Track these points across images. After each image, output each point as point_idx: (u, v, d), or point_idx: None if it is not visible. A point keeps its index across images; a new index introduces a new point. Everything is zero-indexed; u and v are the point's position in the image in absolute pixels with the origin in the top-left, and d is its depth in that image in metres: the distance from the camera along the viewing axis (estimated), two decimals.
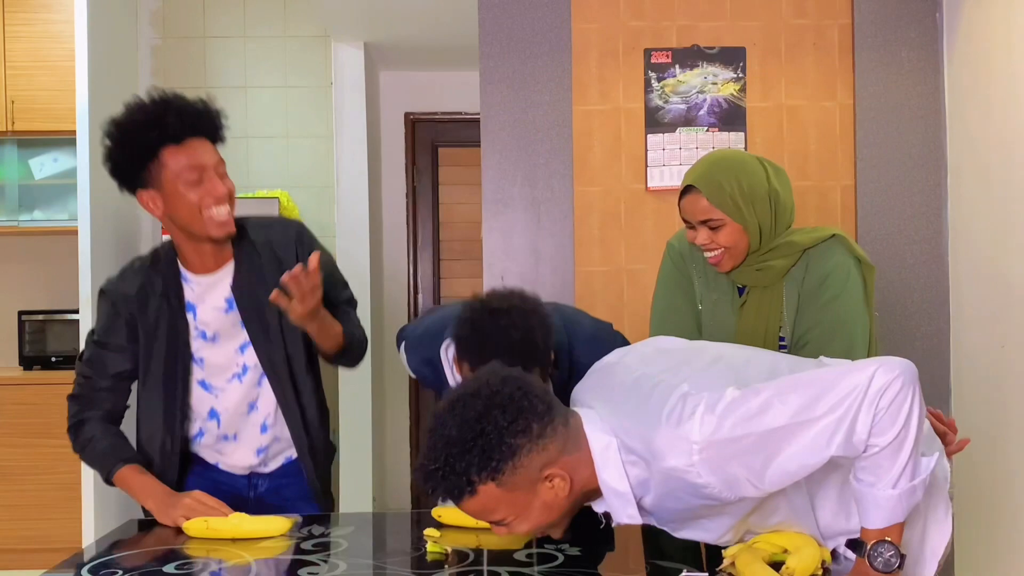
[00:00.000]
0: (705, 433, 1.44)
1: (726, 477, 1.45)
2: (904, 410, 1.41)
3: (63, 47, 4.32)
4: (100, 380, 2.18)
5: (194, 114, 2.03)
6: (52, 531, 4.27)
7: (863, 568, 1.47)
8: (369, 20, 4.49)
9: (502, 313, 1.85)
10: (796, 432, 1.42)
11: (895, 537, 1.46)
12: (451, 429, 1.47)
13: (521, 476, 1.48)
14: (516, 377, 1.53)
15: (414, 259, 5.63)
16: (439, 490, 1.50)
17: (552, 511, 1.53)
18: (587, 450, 1.54)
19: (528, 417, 1.48)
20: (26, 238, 4.81)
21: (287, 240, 2.20)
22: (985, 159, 3.16)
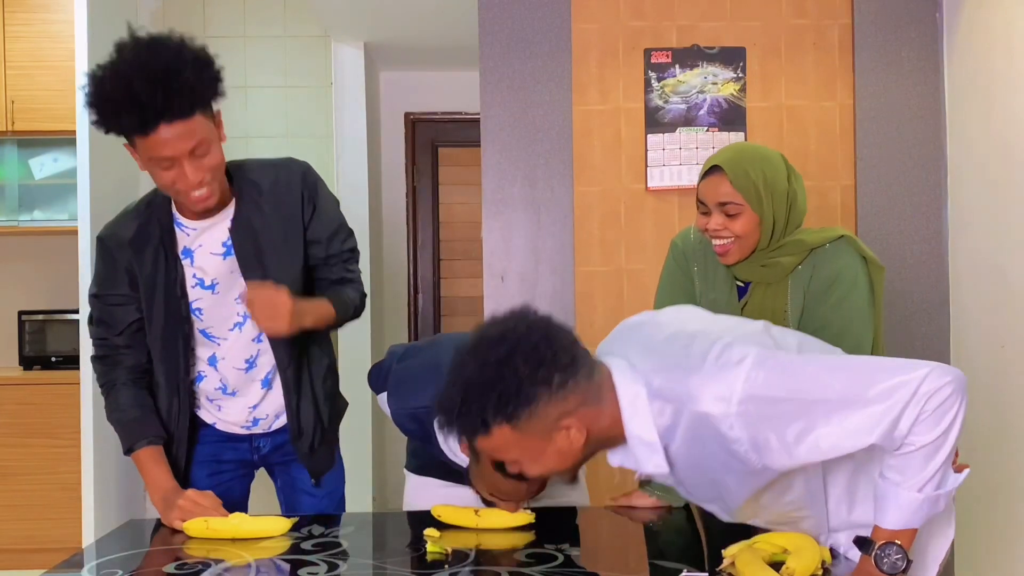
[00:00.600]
0: (750, 386, 1.43)
1: (757, 438, 1.44)
2: (948, 418, 1.40)
3: (63, 47, 4.32)
4: (114, 337, 2.12)
5: (164, 95, 1.85)
6: (52, 531, 4.28)
7: (868, 566, 1.47)
8: (369, 20, 4.49)
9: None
10: (841, 411, 1.41)
11: (905, 542, 1.46)
12: (472, 370, 1.48)
13: (537, 423, 1.48)
14: (544, 326, 1.52)
15: (414, 259, 5.63)
16: (454, 428, 1.51)
17: (565, 459, 1.54)
18: (610, 402, 1.52)
19: (550, 368, 1.47)
20: (26, 238, 4.81)
21: (291, 181, 2.15)
22: (985, 159, 3.16)
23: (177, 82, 1.86)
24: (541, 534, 1.85)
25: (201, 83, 1.92)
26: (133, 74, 1.85)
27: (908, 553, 1.46)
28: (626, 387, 1.53)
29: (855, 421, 1.41)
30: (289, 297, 1.98)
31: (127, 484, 4.46)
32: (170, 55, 1.89)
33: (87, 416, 4.10)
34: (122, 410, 2.12)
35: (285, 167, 2.19)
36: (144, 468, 2.09)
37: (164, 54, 1.88)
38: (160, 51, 1.89)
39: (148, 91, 1.83)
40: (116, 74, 1.87)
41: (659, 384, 1.51)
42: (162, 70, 1.85)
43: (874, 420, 1.40)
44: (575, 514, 2.09)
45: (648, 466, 1.55)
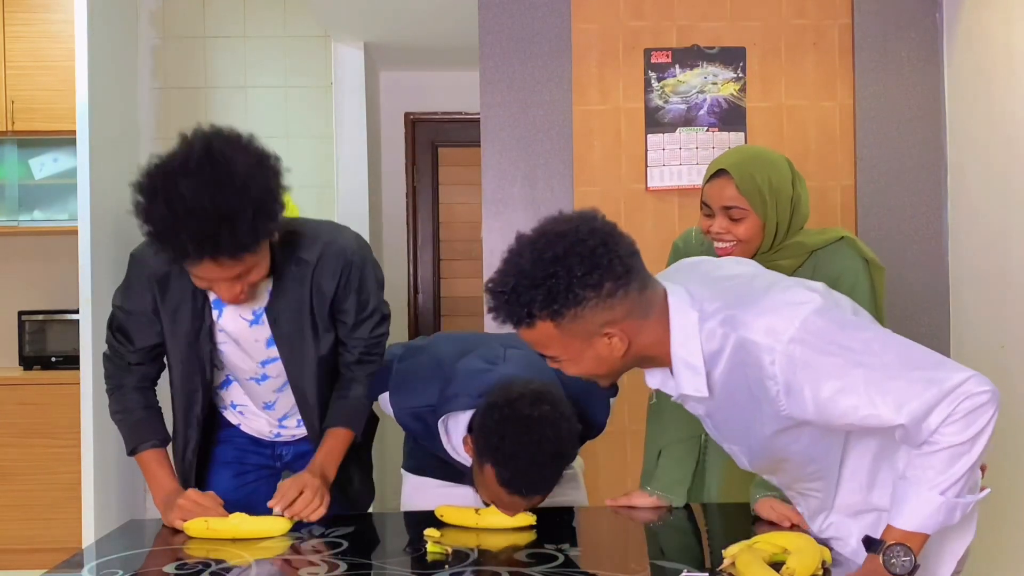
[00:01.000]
0: (804, 329, 1.44)
1: (792, 383, 1.45)
2: (977, 424, 1.40)
3: (63, 47, 4.31)
4: (129, 353, 2.10)
5: (215, 243, 1.73)
6: (52, 531, 4.27)
7: (874, 565, 1.46)
8: (369, 20, 4.49)
9: (533, 425, 1.77)
10: (880, 383, 1.42)
11: (915, 546, 1.45)
12: (527, 261, 1.50)
13: (580, 325, 1.49)
14: (606, 233, 1.52)
15: (414, 259, 5.63)
16: (500, 314, 1.53)
17: (602, 365, 1.56)
18: (658, 321, 1.53)
19: (603, 274, 1.47)
20: (26, 238, 4.81)
21: (336, 261, 2.05)
22: (985, 159, 3.16)
23: (235, 229, 1.72)
24: (541, 534, 1.85)
25: (261, 228, 1.78)
26: (188, 214, 1.70)
27: (916, 558, 1.45)
28: (680, 309, 1.54)
29: (891, 397, 1.41)
30: (320, 483, 1.98)
31: (127, 484, 4.46)
32: (234, 195, 1.72)
33: (87, 416, 4.10)
34: (128, 411, 2.11)
35: (332, 244, 2.08)
36: (148, 470, 2.08)
37: (227, 192, 1.72)
38: (224, 187, 1.72)
39: (200, 236, 1.72)
40: (170, 206, 1.72)
41: (713, 309, 1.53)
42: (222, 216, 1.71)
43: (908, 402, 1.41)
44: (575, 514, 2.09)
45: (687, 388, 1.56)
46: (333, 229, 2.15)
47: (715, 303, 1.53)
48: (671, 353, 1.54)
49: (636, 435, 3.35)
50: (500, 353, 2.06)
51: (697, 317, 1.53)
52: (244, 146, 1.80)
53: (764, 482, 1.94)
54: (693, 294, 1.56)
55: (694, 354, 1.53)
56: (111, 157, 4.46)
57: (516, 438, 1.76)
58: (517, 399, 1.79)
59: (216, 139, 1.78)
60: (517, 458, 1.76)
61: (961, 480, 1.43)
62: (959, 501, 1.44)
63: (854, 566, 1.57)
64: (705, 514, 2.07)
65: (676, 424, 2.12)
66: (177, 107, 4.92)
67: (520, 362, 2.00)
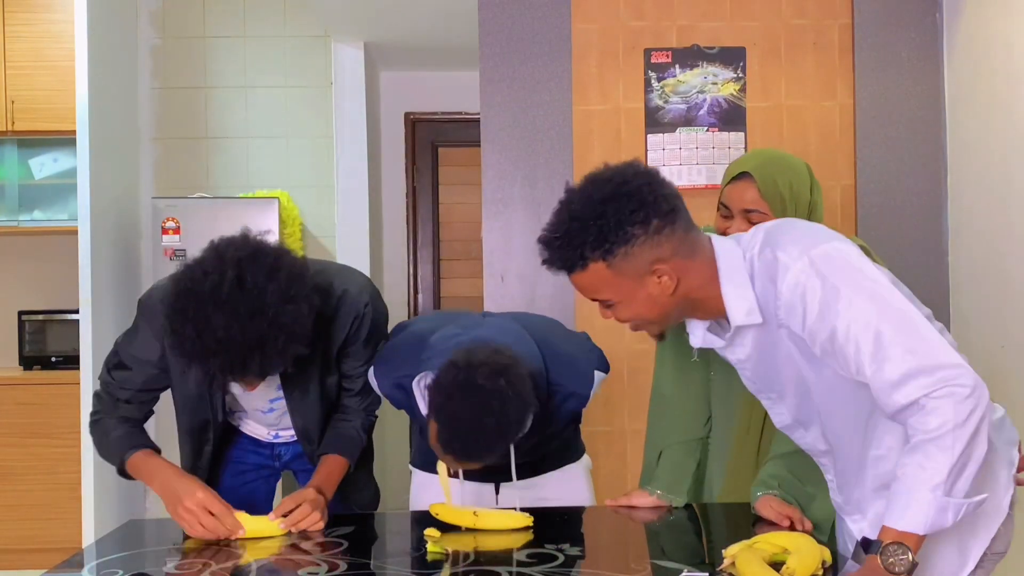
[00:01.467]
0: (830, 253, 1.51)
1: (794, 302, 1.51)
2: (959, 416, 1.41)
3: (63, 47, 4.32)
4: (120, 391, 2.07)
5: (239, 367, 1.74)
6: (52, 531, 4.27)
7: (873, 565, 1.46)
8: (369, 20, 4.49)
9: (482, 394, 1.75)
10: (869, 328, 1.46)
11: (911, 544, 1.44)
12: (577, 205, 1.58)
13: (631, 264, 1.55)
14: (650, 175, 1.60)
15: (414, 259, 5.63)
16: (554, 259, 1.60)
17: (654, 307, 1.60)
18: (704, 263, 1.60)
19: (650, 211, 1.54)
20: (26, 238, 4.81)
21: (345, 322, 2.05)
22: (985, 159, 3.16)
23: (265, 357, 1.73)
24: (541, 534, 1.85)
25: (290, 352, 1.78)
26: (219, 345, 1.70)
27: (914, 556, 1.45)
28: (725, 246, 1.62)
29: (873, 348, 1.46)
30: (319, 497, 1.99)
31: (127, 484, 4.45)
32: (265, 326, 1.72)
33: (87, 416, 4.10)
34: (109, 431, 2.06)
35: (345, 296, 2.06)
36: (140, 469, 2.02)
37: (258, 324, 1.71)
38: (256, 319, 1.71)
39: (231, 364, 1.73)
40: (200, 335, 1.71)
41: (756, 243, 1.59)
42: (251, 347, 1.71)
43: (886, 360, 1.45)
44: (575, 514, 2.09)
45: (739, 317, 1.59)
46: (343, 277, 2.11)
47: (756, 239, 1.60)
48: (720, 283, 1.59)
49: (636, 435, 3.36)
50: (479, 320, 2.09)
51: (742, 252, 1.60)
52: (276, 271, 1.76)
53: (765, 480, 1.94)
54: (738, 239, 1.64)
55: (742, 280, 1.58)
56: (111, 157, 4.46)
57: (462, 402, 1.75)
58: (477, 366, 1.77)
59: (250, 266, 1.74)
60: (457, 421, 1.75)
61: (953, 476, 1.42)
62: (950, 501, 1.43)
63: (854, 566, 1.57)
64: (705, 514, 2.07)
65: (677, 426, 2.12)
66: (177, 107, 4.92)
67: (498, 326, 2.01)
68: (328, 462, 2.10)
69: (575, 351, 2.09)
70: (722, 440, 2.12)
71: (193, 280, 1.73)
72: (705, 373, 2.13)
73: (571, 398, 2.02)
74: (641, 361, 3.26)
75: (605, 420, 3.35)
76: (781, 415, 1.73)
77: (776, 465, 1.97)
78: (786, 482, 1.93)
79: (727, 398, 2.10)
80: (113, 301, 4.44)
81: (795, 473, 1.96)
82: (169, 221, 4.38)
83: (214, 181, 4.89)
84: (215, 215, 4.46)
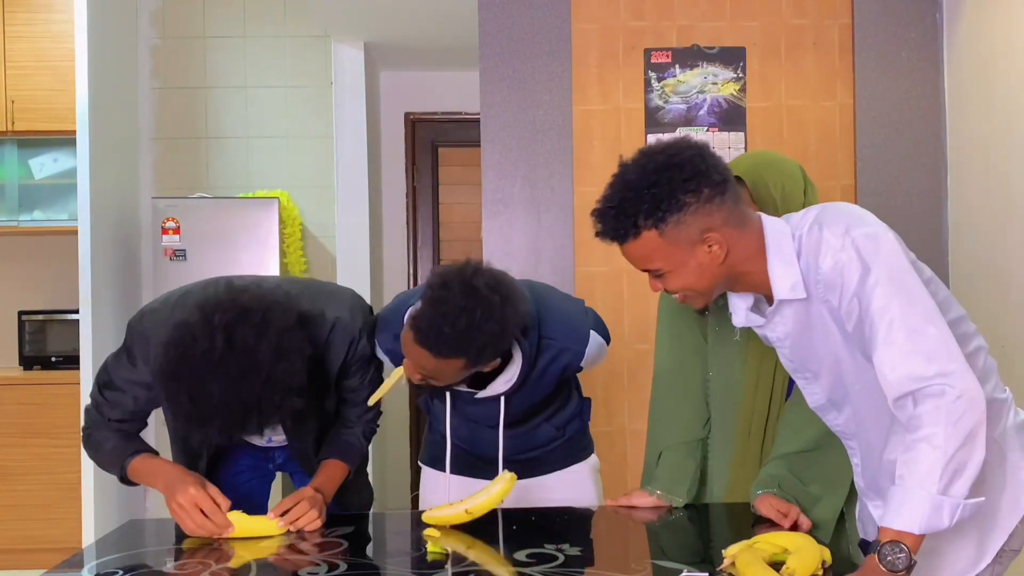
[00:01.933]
0: (874, 236, 1.55)
1: (834, 275, 1.55)
2: (951, 417, 1.44)
3: (63, 47, 4.32)
4: (110, 411, 2.04)
5: (238, 427, 1.77)
6: (52, 531, 4.27)
7: (872, 565, 1.46)
8: (369, 20, 4.49)
9: (475, 296, 1.79)
10: (890, 313, 1.51)
11: (909, 544, 1.45)
12: (631, 174, 1.62)
13: (683, 232, 1.59)
14: (702, 148, 1.64)
15: (414, 259, 5.63)
16: (607, 230, 1.64)
17: (703, 276, 1.63)
18: (752, 236, 1.63)
19: (701, 181, 1.59)
20: (26, 238, 4.81)
21: (341, 348, 2.05)
22: (985, 159, 3.16)
23: (262, 415, 1.74)
24: (541, 534, 1.85)
25: (287, 407, 1.78)
26: (215, 410, 1.71)
27: (912, 555, 1.45)
28: (773, 221, 1.66)
29: (886, 333, 1.50)
30: (317, 497, 1.99)
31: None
32: (260, 386, 1.71)
33: None
34: (100, 445, 2.05)
35: (339, 323, 2.05)
36: (141, 472, 2.01)
37: (253, 385, 1.71)
38: (250, 380, 1.71)
39: (228, 425, 1.74)
40: (196, 402, 1.71)
41: (805, 222, 1.62)
42: (248, 408, 1.72)
43: (891, 344, 1.50)
44: (575, 514, 2.09)
45: (784, 290, 1.62)
46: (335, 302, 2.08)
47: (808, 218, 1.63)
48: (767, 257, 1.62)
49: (636, 435, 3.36)
50: None
51: (790, 231, 1.64)
52: (265, 328, 1.74)
53: (765, 480, 1.94)
54: (787, 218, 1.68)
55: (788, 255, 1.62)
56: (111, 157, 4.46)
57: (447, 292, 1.79)
58: (482, 273, 1.84)
59: (238, 326, 1.72)
60: (438, 305, 1.78)
61: (943, 476, 1.43)
62: (944, 500, 1.43)
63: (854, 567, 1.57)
64: (705, 514, 2.07)
65: (678, 426, 2.12)
66: (177, 107, 4.92)
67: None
68: (329, 466, 2.10)
69: (571, 309, 2.11)
70: (723, 441, 2.12)
71: (184, 346, 1.71)
72: (705, 373, 2.13)
73: (564, 353, 2.02)
74: (641, 361, 3.26)
75: (605, 420, 3.35)
76: (815, 395, 1.76)
77: (777, 465, 1.97)
78: (786, 482, 1.93)
79: (727, 399, 2.10)
80: (113, 301, 4.44)
81: (797, 474, 1.95)
82: (169, 221, 4.38)
83: (214, 181, 4.89)
84: (215, 215, 4.46)
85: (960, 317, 1.66)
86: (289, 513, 1.93)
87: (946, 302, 1.63)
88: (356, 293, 2.17)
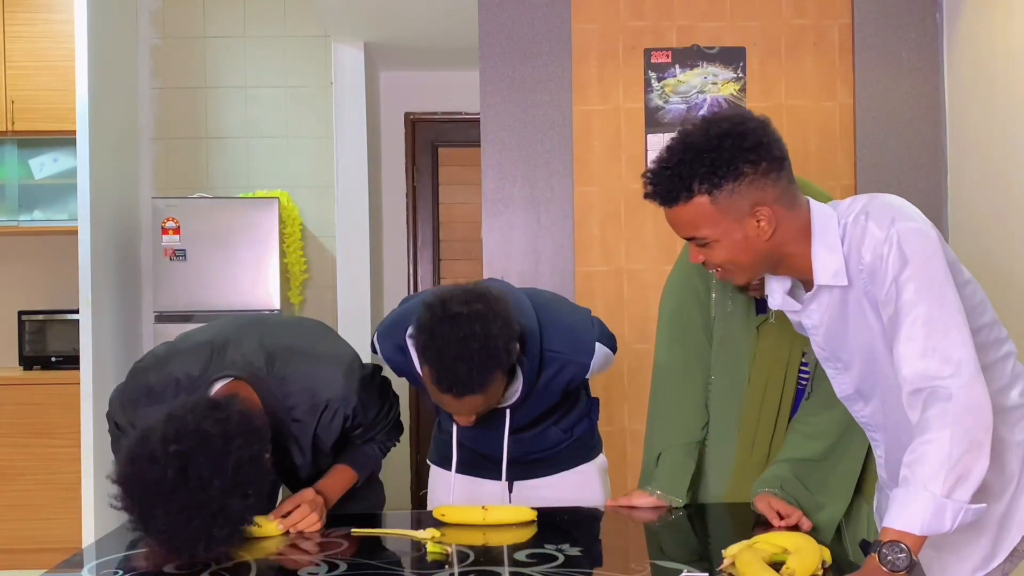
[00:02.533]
0: (918, 232, 1.55)
1: (876, 264, 1.56)
2: (958, 421, 1.44)
3: (63, 47, 4.32)
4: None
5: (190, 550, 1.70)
6: (52, 531, 4.27)
7: (873, 565, 1.46)
8: (369, 20, 4.49)
9: (461, 320, 1.76)
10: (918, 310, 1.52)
11: (911, 545, 1.45)
12: (695, 137, 1.60)
13: (735, 202, 1.58)
14: (765, 123, 1.64)
15: (414, 259, 5.63)
16: (659, 191, 1.62)
17: (748, 250, 1.62)
18: (801, 217, 1.63)
19: (762, 154, 1.58)
20: (26, 238, 4.81)
21: (336, 423, 2.03)
22: (985, 159, 3.16)
23: (211, 542, 1.67)
24: (541, 534, 1.85)
25: (239, 535, 1.73)
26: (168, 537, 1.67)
27: (913, 556, 1.45)
28: (821, 207, 1.65)
29: (907, 328, 1.52)
30: (318, 499, 1.99)
31: None
32: (209, 518, 1.65)
33: (87, 416, 4.10)
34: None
35: (330, 408, 2.02)
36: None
37: (204, 516, 1.65)
38: (202, 512, 1.65)
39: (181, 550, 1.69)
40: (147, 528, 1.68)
41: (852, 211, 1.62)
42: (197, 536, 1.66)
43: (911, 342, 1.51)
44: (575, 514, 2.09)
45: (825, 276, 1.62)
46: (326, 376, 2.02)
47: (855, 207, 1.63)
48: (812, 241, 1.62)
49: (636, 435, 3.36)
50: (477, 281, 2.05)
51: (837, 218, 1.63)
52: (223, 460, 1.68)
53: (768, 480, 1.94)
54: (834, 205, 1.68)
55: (833, 242, 1.61)
56: (111, 157, 4.46)
57: (444, 334, 1.75)
58: (450, 298, 1.78)
59: (194, 457, 1.65)
60: (444, 353, 1.75)
61: (948, 479, 1.44)
62: (947, 502, 1.44)
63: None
64: (705, 514, 2.07)
65: (678, 427, 2.11)
66: (177, 107, 4.93)
67: (494, 284, 1.99)
68: (338, 471, 2.10)
69: (576, 320, 2.07)
70: (722, 448, 2.11)
71: (140, 464, 1.67)
72: (706, 375, 2.13)
73: (569, 366, 1.99)
74: (641, 361, 3.26)
75: (605, 420, 3.35)
76: (844, 385, 1.76)
77: (782, 467, 1.96)
78: (789, 484, 1.93)
79: (729, 404, 2.09)
80: (113, 301, 4.44)
81: (802, 479, 1.95)
82: (169, 221, 4.38)
83: (214, 181, 4.90)
84: (215, 215, 4.47)
85: (992, 322, 1.67)
86: (289, 516, 1.93)
87: (981, 306, 1.64)
88: (351, 354, 2.09)
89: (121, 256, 4.60)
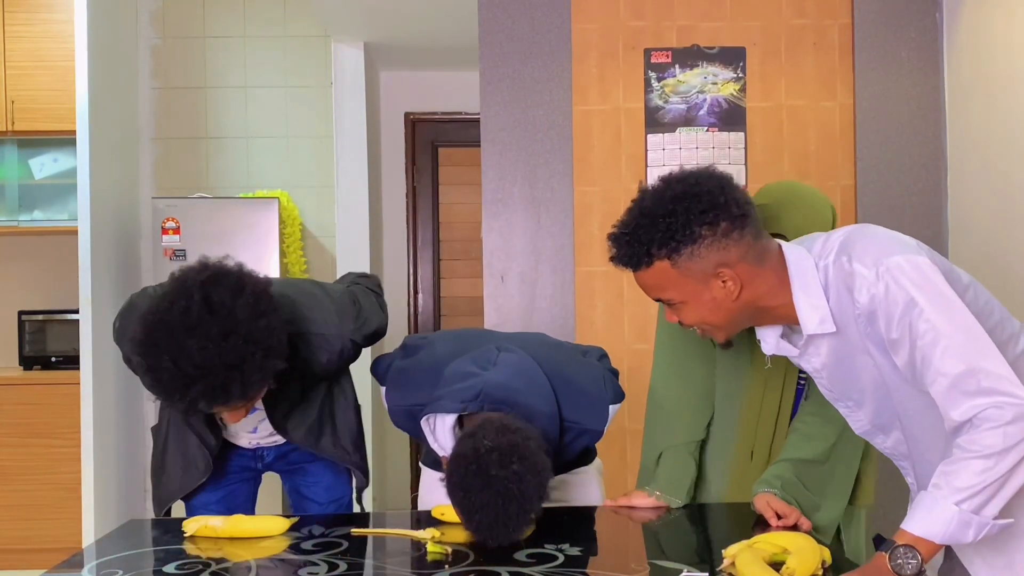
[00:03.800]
0: (906, 265, 1.48)
1: (873, 307, 1.50)
2: (1010, 438, 1.40)
3: (63, 47, 4.32)
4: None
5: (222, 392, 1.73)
6: (52, 531, 4.27)
7: (880, 563, 1.45)
8: (369, 20, 4.49)
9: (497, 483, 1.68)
10: (937, 340, 1.46)
11: (924, 551, 1.43)
12: (648, 201, 1.59)
13: (696, 264, 1.57)
14: (724, 179, 1.61)
15: (414, 259, 5.63)
16: (621, 256, 1.62)
17: (717, 311, 1.61)
18: (773, 271, 1.59)
19: (719, 213, 1.55)
20: (26, 238, 4.81)
21: (338, 364, 2.10)
22: (985, 159, 3.16)
23: (244, 377, 1.72)
24: (541, 534, 1.85)
25: (269, 367, 1.77)
26: (197, 371, 1.69)
27: (923, 564, 1.43)
28: (796, 253, 1.61)
29: (938, 362, 1.45)
30: None
31: (127, 484, 4.46)
32: (241, 344, 1.70)
33: (87, 416, 4.10)
34: None
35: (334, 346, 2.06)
36: None
37: (234, 343, 1.70)
38: (231, 338, 1.69)
39: (212, 390, 1.71)
40: (177, 364, 1.69)
41: (828, 251, 1.57)
42: (231, 366, 1.70)
43: (945, 375, 1.45)
44: (575, 514, 2.09)
45: (812, 325, 1.58)
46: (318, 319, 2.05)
47: (830, 247, 1.58)
48: (792, 292, 1.58)
49: (636, 435, 3.35)
50: (492, 357, 2.00)
51: (813, 261, 1.58)
52: (241, 288, 1.75)
53: (768, 479, 1.94)
54: (808, 246, 1.62)
55: (815, 289, 1.57)
56: (111, 157, 4.46)
57: (480, 495, 1.69)
58: (485, 454, 1.69)
59: (214, 288, 1.72)
60: (480, 513, 1.71)
61: (980, 495, 1.41)
62: (974, 518, 1.42)
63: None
64: (705, 514, 2.07)
65: (677, 427, 2.11)
66: (177, 107, 4.92)
67: (511, 368, 1.95)
68: None
69: (589, 384, 2.03)
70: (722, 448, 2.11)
71: (161, 312, 1.71)
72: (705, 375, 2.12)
73: (585, 435, 2.00)
74: (641, 361, 3.26)
75: None
76: (860, 421, 1.72)
77: (782, 467, 1.96)
78: (789, 484, 1.93)
79: (729, 410, 2.09)
80: (113, 301, 4.44)
81: (802, 479, 1.95)
82: (169, 221, 4.38)
83: (214, 181, 4.90)
84: (215, 215, 4.47)
85: (1003, 319, 1.61)
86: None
87: (988, 306, 1.59)
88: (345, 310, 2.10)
89: (121, 256, 4.60)
